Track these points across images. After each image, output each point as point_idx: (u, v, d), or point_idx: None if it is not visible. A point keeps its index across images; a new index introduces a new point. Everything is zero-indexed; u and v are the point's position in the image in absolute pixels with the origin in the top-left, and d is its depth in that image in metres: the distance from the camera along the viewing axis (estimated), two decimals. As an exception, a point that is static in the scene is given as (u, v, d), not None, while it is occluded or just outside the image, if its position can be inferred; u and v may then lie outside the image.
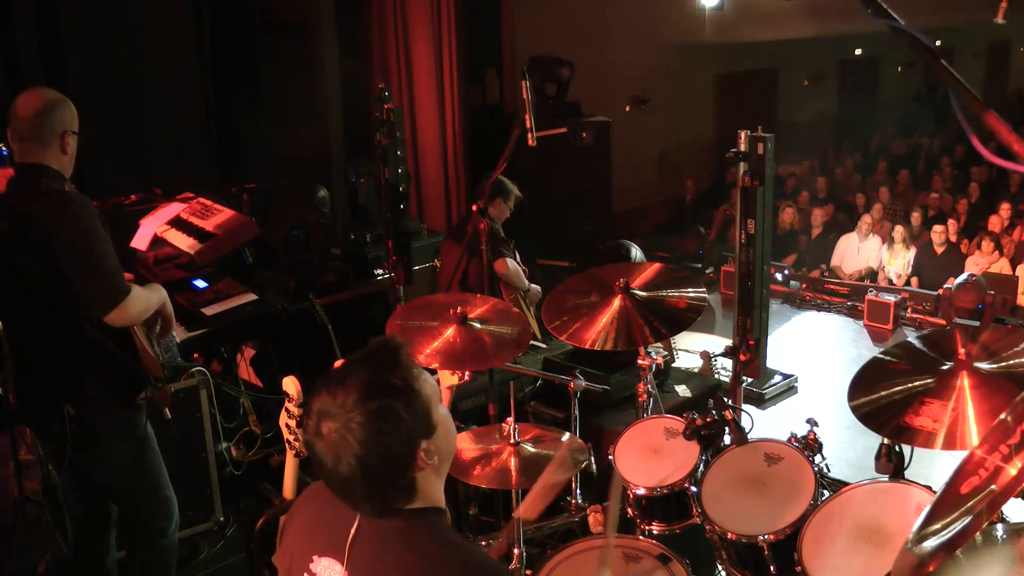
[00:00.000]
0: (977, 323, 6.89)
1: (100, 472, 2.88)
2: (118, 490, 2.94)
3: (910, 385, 2.16)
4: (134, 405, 2.87)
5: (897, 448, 2.34)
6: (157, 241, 4.76)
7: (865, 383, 2.27)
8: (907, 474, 2.35)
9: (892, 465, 2.34)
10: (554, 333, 3.04)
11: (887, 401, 2.17)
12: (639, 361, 3.14)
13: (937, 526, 1.24)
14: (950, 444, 1.97)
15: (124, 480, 2.90)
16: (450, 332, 2.89)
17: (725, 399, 2.76)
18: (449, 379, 2.90)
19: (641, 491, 2.72)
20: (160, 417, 3.01)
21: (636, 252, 4.54)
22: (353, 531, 1.48)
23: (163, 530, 3.01)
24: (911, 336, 2.42)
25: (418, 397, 1.42)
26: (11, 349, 2.88)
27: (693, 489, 2.65)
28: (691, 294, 3.04)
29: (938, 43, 12.12)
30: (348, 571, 1.47)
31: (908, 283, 8.33)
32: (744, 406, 3.56)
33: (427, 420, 1.44)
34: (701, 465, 2.70)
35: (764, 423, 4.56)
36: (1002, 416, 1.34)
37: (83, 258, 2.61)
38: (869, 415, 2.17)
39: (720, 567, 2.57)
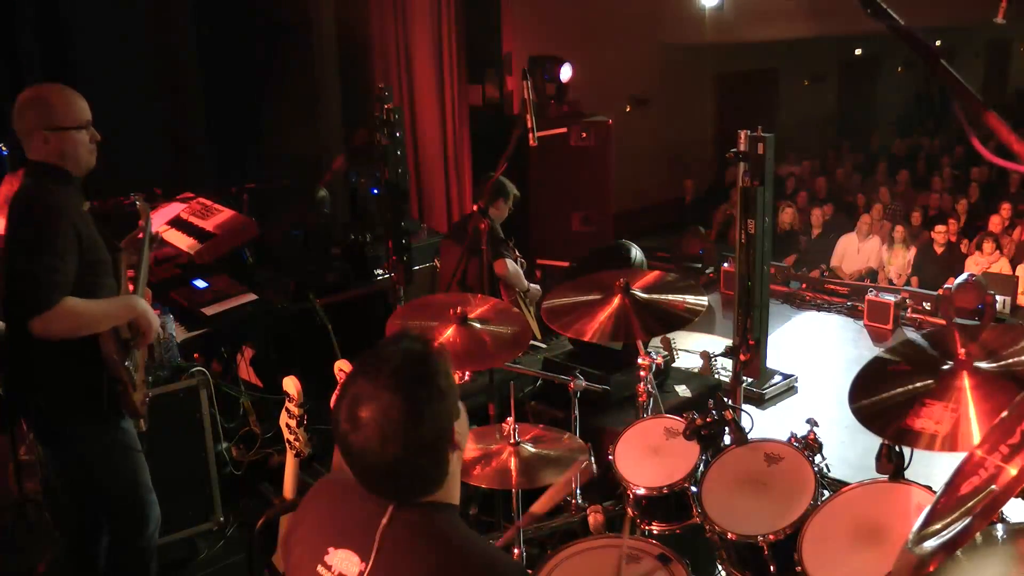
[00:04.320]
0: (977, 323, 6.90)
1: (72, 470, 2.89)
2: (89, 489, 2.94)
3: (910, 387, 2.16)
4: (98, 410, 2.83)
5: (897, 448, 2.34)
6: (156, 241, 4.76)
7: (866, 385, 2.27)
8: (907, 474, 2.35)
9: (892, 465, 2.34)
10: (554, 327, 3.03)
11: (888, 403, 2.16)
12: (639, 361, 3.14)
13: (937, 526, 1.24)
14: (952, 446, 1.97)
15: (95, 480, 2.89)
16: (450, 332, 2.89)
17: (725, 399, 2.76)
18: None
19: (641, 491, 2.72)
20: (139, 428, 2.98)
21: (636, 252, 4.54)
22: (385, 521, 1.46)
23: (137, 533, 2.99)
24: (911, 335, 2.43)
25: (451, 377, 1.47)
26: (7, 340, 2.89)
27: (693, 489, 2.65)
28: (690, 300, 3.03)
29: (938, 43, 12.12)
30: (365, 562, 1.46)
31: (908, 283, 8.33)
32: (744, 406, 3.57)
33: (456, 402, 1.48)
34: (701, 465, 2.70)
35: (764, 423, 4.56)
36: (1002, 416, 1.34)
37: (21, 257, 2.59)
38: (870, 417, 2.16)
39: (720, 567, 2.57)
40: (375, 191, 5.68)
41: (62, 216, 2.65)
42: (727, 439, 2.72)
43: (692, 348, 6.07)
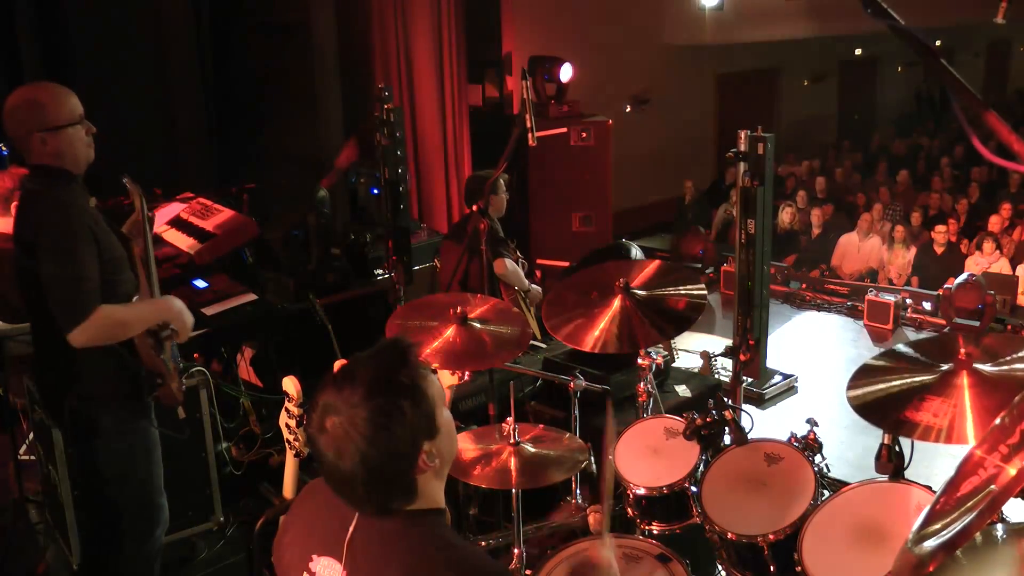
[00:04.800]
0: (977, 323, 6.90)
1: (97, 468, 2.88)
2: (108, 488, 2.93)
3: (910, 381, 2.16)
4: (134, 406, 2.86)
5: (897, 448, 2.34)
6: (157, 241, 4.76)
7: (865, 378, 2.27)
8: (907, 474, 2.35)
9: (892, 465, 2.34)
10: (554, 334, 3.03)
11: (887, 394, 2.17)
12: (639, 361, 3.14)
13: (937, 526, 1.24)
14: (949, 438, 1.97)
15: (112, 480, 2.89)
16: (450, 332, 2.89)
17: (725, 399, 2.76)
18: (449, 379, 2.90)
19: (641, 491, 2.72)
20: (175, 417, 3.00)
21: (636, 252, 4.54)
22: (351, 530, 1.48)
23: (147, 534, 3.00)
24: (912, 337, 2.43)
25: (424, 397, 1.43)
26: (33, 342, 2.90)
27: (693, 489, 2.65)
28: (691, 291, 3.03)
29: (938, 43, 12.12)
30: (347, 571, 1.47)
31: (908, 283, 8.33)
32: (744, 406, 3.57)
33: (431, 421, 1.44)
34: (701, 465, 2.70)
35: (764, 423, 4.56)
36: (1001, 416, 1.34)
37: (52, 268, 2.58)
38: (868, 408, 2.16)
39: (720, 567, 2.57)
40: (375, 191, 5.67)
41: (76, 219, 2.64)
42: (727, 439, 2.72)
43: (692, 348, 6.07)
